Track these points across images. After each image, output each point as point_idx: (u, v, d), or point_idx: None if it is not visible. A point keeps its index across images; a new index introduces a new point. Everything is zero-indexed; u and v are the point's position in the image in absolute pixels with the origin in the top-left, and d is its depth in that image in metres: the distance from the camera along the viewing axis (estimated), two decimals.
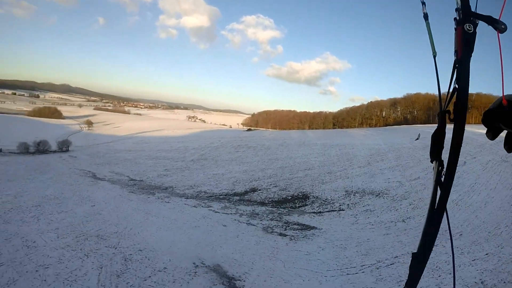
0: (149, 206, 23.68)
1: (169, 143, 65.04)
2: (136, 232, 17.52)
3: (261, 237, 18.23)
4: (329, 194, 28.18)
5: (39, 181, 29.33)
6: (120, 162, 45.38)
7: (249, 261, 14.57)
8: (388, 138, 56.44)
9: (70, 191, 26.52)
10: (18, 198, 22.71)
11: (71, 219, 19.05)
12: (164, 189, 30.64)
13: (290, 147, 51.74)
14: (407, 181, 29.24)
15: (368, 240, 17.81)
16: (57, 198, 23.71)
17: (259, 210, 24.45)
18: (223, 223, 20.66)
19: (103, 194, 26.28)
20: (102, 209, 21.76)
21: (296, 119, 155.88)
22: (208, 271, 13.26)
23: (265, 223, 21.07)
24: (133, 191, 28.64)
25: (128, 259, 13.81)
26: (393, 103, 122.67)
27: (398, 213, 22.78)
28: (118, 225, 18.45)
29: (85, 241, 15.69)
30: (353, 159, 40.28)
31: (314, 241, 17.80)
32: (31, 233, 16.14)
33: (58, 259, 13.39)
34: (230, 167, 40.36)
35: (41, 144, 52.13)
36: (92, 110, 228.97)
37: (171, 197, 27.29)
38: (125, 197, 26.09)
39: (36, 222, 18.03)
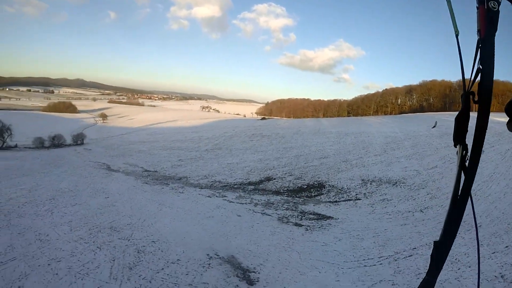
0: (163, 197, 23.46)
1: (183, 133, 64.80)
2: (150, 223, 17.29)
3: (276, 227, 17.83)
4: (345, 182, 27.62)
5: (53, 175, 29.31)
6: (134, 153, 45.36)
7: (264, 252, 14.19)
8: (404, 126, 55.18)
9: (84, 183, 26.47)
10: (33, 192, 22.64)
11: (84, 211, 18.93)
12: (178, 180, 30.38)
13: (305, 135, 51.02)
14: (424, 170, 28.46)
15: (386, 230, 17.28)
16: (71, 191, 23.60)
17: (274, 200, 24.04)
18: (237, 213, 20.33)
19: (117, 186, 26.21)
20: (116, 201, 21.62)
21: (310, 107, 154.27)
22: (222, 262, 12.92)
23: (280, 212, 20.67)
24: (147, 182, 28.48)
25: (141, 251, 13.56)
26: (409, 90, 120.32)
27: (415, 202, 22.11)
28: (132, 217, 18.23)
29: (98, 233, 15.50)
30: (369, 147, 39.54)
31: (331, 231, 17.35)
32: (44, 227, 16.02)
33: (71, 252, 13.19)
34: (245, 156, 40.00)
35: (56, 138, 52.32)
36: (106, 103, 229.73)
37: (185, 188, 27.06)
38: (139, 188, 25.94)
39: (50, 216, 17.91)
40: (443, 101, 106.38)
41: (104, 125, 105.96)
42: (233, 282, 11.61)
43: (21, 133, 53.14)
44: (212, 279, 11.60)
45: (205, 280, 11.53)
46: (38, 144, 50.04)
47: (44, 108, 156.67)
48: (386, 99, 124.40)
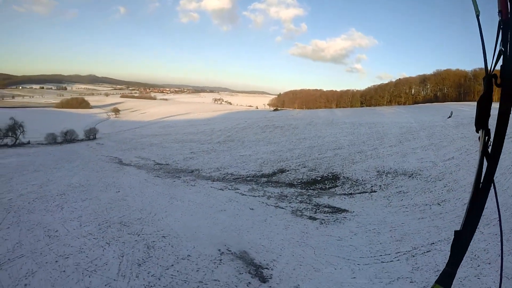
0: (174, 190, 23.08)
1: (195, 126, 64.80)
2: (160, 217, 16.91)
3: (290, 221, 17.28)
4: (360, 174, 26.95)
5: (65, 170, 29.21)
6: (146, 147, 45.29)
7: (278, 247, 13.67)
8: (419, 116, 54.27)
9: (96, 178, 26.30)
10: (44, 188, 22.46)
11: (95, 206, 18.64)
12: (190, 172, 30.06)
13: (318, 126, 50.46)
14: (441, 161, 27.57)
15: (403, 224, 16.61)
16: (82, 186, 23.42)
17: (287, 192, 23.50)
18: (250, 206, 19.86)
19: (128, 180, 25.93)
20: (126, 195, 21.32)
21: (323, 98, 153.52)
22: (234, 258, 12.44)
23: (294, 205, 20.12)
24: (158, 175, 28.21)
25: (151, 246, 13.16)
26: (423, 80, 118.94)
27: (432, 195, 21.28)
28: (142, 211, 17.89)
29: (107, 228, 15.16)
30: (384, 137, 38.76)
31: (346, 225, 16.76)
32: (54, 222, 15.72)
33: (79, 248, 12.85)
34: (257, 148, 39.59)
35: (68, 133, 52.58)
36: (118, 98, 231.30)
37: (197, 180, 26.68)
38: (151, 182, 25.65)
39: (60, 211, 17.64)
40: (458, 91, 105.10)
41: (116, 119, 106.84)
42: (245, 279, 11.12)
43: (34, 130, 53.51)
44: (223, 276, 11.14)
45: (216, 277, 11.07)
46: (51, 140, 50.22)
47: (57, 105, 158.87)
48: (399, 89, 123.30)
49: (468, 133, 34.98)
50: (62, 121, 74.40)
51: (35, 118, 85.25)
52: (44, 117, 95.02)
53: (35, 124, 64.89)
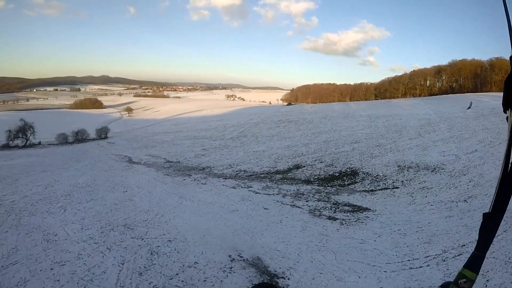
0: (184, 189, 21.99)
1: (207, 122, 64.24)
2: (168, 219, 15.73)
3: (308, 221, 15.82)
4: (380, 169, 25.43)
5: (73, 170, 28.68)
6: (158, 144, 44.61)
7: (294, 252, 12.25)
8: (437, 108, 52.77)
9: (104, 177, 25.57)
10: (49, 189, 21.77)
11: (99, 207, 17.71)
12: (201, 170, 28.97)
13: (334, 119, 49.14)
14: (463, 155, 25.95)
15: (430, 224, 15.05)
16: (89, 186, 22.66)
17: (304, 190, 22.03)
18: (264, 205, 18.48)
19: (137, 179, 25.08)
20: (134, 195, 20.35)
21: (337, 92, 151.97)
22: (246, 266, 11.11)
23: (311, 204, 18.65)
24: (168, 174, 27.23)
25: (155, 252, 11.95)
26: (438, 71, 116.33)
27: (458, 191, 19.64)
28: (149, 212, 16.79)
29: (110, 232, 14.08)
30: (402, 130, 37.20)
31: (369, 225, 15.29)
32: (54, 225, 14.79)
33: (77, 254, 11.76)
34: (271, 143, 38.38)
35: (79, 133, 52.94)
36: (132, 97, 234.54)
37: (208, 178, 25.52)
38: (160, 181, 24.64)
39: (63, 213, 16.75)
40: (474, 82, 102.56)
41: (129, 118, 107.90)
42: None
43: (47, 130, 54.19)
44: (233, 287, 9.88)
45: None
46: (62, 140, 50.61)
47: (71, 106, 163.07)
48: (414, 81, 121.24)
49: (489, 124, 33.46)
50: (75, 122, 74.70)
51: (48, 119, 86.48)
52: (57, 118, 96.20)
53: (48, 125, 65.83)
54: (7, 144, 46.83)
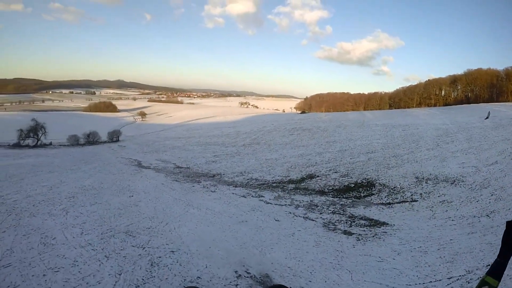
0: (192, 196, 21.11)
1: (220, 128, 63.58)
2: (172, 227, 14.81)
3: (322, 235, 14.76)
4: (397, 181, 24.30)
5: (81, 171, 28.09)
6: (168, 149, 44.02)
7: (307, 270, 11.19)
8: (454, 117, 51.35)
9: (111, 180, 24.81)
10: (54, 190, 21.05)
11: (102, 211, 16.89)
12: (211, 177, 28.15)
13: (349, 128, 47.98)
14: (483, 166, 24.78)
15: (452, 241, 13.93)
16: (95, 189, 21.90)
17: (318, 201, 20.99)
18: (275, 216, 17.47)
19: (145, 183, 24.29)
20: (140, 200, 19.52)
21: (351, 101, 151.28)
22: (253, 284, 10.06)
23: (325, 217, 17.61)
24: (177, 180, 26.40)
25: (156, 263, 11.01)
26: (453, 80, 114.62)
27: (479, 205, 18.56)
28: (153, 219, 15.89)
29: (110, 238, 13.18)
30: (420, 140, 36.02)
31: (387, 241, 14.20)
32: (54, 228, 13.97)
33: (73, 261, 10.85)
34: (284, 151, 37.44)
35: (90, 135, 53.07)
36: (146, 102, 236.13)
37: (218, 186, 24.65)
38: (168, 186, 23.81)
39: (64, 216, 15.91)
40: (490, 91, 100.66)
41: (142, 122, 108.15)
42: None
43: (60, 132, 54.01)
44: None
45: None
46: (73, 141, 50.80)
47: (85, 108, 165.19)
48: (429, 91, 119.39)
49: (509, 135, 32.56)
50: (88, 124, 74.64)
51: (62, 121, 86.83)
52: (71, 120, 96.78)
53: (61, 127, 66.02)
54: (18, 143, 46.89)
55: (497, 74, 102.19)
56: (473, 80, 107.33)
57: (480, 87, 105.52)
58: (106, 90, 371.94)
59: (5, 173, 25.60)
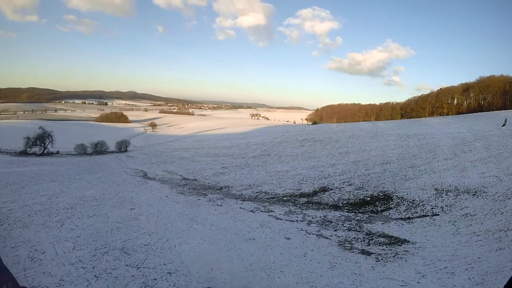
0: (197, 210, 19.93)
1: (229, 139, 62.63)
2: (172, 245, 13.53)
3: (337, 256, 13.30)
4: (416, 193, 22.78)
5: (84, 181, 27.28)
6: (176, 160, 42.97)
7: None
8: (470, 126, 49.61)
9: (113, 191, 23.94)
10: (53, 199, 20.31)
11: (100, 224, 15.86)
12: (219, 190, 26.99)
13: (362, 139, 46.48)
14: (505, 176, 23.20)
15: (480, 259, 12.47)
16: (96, 200, 21.04)
17: (332, 216, 19.57)
18: (286, 234, 16.04)
19: (148, 195, 23.28)
20: (141, 213, 18.44)
21: (362, 112, 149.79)
22: None
23: (341, 234, 16.17)
24: (182, 192, 25.33)
25: (149, 286, 9.77)
26: (465, 88, 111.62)
27: (505, 217, 17.04)
28: (153, 235, 14.67)
29: (103, 255, 12.04)
30: (436, 150, 34.45)
31: (410, 262, 12.73)
32: (45, 241, 13.03)
33: (60, 280, 9.74)
34: (296, 163, 35.96)
35: (98, 145, 52.35)
36: (157, 113, 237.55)
37: (225, 199, 23.42)
38: (172, 199, 22.66)
39: (59, 228, 14.97)
40: (504, 98, 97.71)
41: (153, 133, 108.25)
42: None
43: (69, 141, 53.92)
44: None
45: None
46: (80, 150, 50.42)
47: (97, 119, 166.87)
48: (441, 100, 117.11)
49: None
50: (99, 134, 74.65)
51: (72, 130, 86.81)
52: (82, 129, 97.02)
53: (72, 136, 66.19)
54: (25, 151, 46.51)
55: (510, 80, 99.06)
56: (486, 88, 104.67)
57: (493, 95, 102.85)
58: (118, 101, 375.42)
59: (6, 180, 24.97)
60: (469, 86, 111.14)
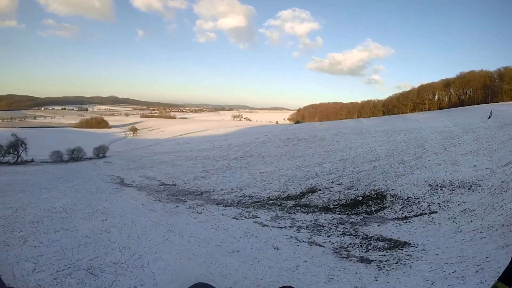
0: (174, 220, 18.31)
1: (211, 141, 60.92)
2: (145, 262, 11.89)
3: (334, 267, 11.74)
4: (409, 190, 21.51)
5: (56, 191, 25.68)
6: (156, 165, 41.16)
7: None
8: (456, 119, 49.14)
9: (86, 201, 22.40)
10: (19, 212, 18.90)
11: (67, 240, 14.33)
12: (199, 195, 25.28)
13: (347, 136, 45.18)
14: (498, 168, 22.44)
15: (488, 259, 11.26)
16: (65, 211, 19.52)
17: (323, 220, 17.97)
18: (274, 243, 14.42)
19: (123, 204, 21.72)
20: (113, 225, 16.86)
21: (344, 110, 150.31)
22: None
23: (335, 240, 14.63)
24: (160, 199, 23.62)
25: None
26: (446, 84, 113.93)
27: (505, 211, 16.05)
28: (124, 250, 13.06)
29: (66, 277, 10.57)
30: (425, 144, 33.42)
31: (415, 268, 11.29)
32: (4, 262, 11.75)
33: None
34: (280, 163, 34.34)
35: (75, 151, 50.15)
36: (138, 117, 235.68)
37: (206, 205, 21.77)
38: (148, 207, 20.98)
39: (20, 246, 13.52)
40: (485, 93, 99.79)
41: (134, 138, 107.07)
42: None
43: (47, 148, 51.98)
44: None
45: None
46: (56, 158, 48.33)
47: (76, 125, 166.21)
48: (422, 96, 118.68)
49: None
50: (78, 140, 72.36)
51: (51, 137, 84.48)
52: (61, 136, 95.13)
53: (50, 143, 64.58)
54: None
55: (490, 75, 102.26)
56: (467, 83, 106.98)
57: (474, 89, 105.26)
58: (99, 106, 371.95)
59: None
60: (449, 81, 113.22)
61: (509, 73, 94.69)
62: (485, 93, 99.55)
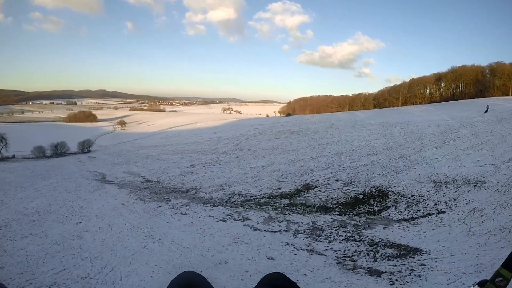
0: (155, 222, 16.66)
1: (200, 135, 59.00)
2: (118, 276, 10.20)
3: (340, 281, 10.10)
4: (412, 187, 20.00)
5: (32, 190, 24.07)
6: (141, 159, 39.14)
7: None
8: (452, 113, 47.86)
9: (62, 201, 20.82)
10: None
11: (33, 248, 12.84)
12: (184, 193, 23.54)
13: (341, 128, 43.86)
14: (502, 164, 21.28)
15: None
16: (38, 213, 18.02)
17: (322, 222, 16.23)
18: (268, 252, 12.69)
19: (101, 204, 20.13)
20: (87, 229, 15.26)
21: (335, 103, 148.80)
22: None
23: (338, 247, 12.95)
24: (141, 198, 21.96)
25: None
26: (438, 78, 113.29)
27: None
28: (95, 261, 11.41)
29: None
30: (423, 138, 32.27)
31: (431, 281, 9.78)
32: None
33: None
34: (272, 157, 32.65)
35: (58, 146, 47.97)
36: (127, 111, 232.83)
37: (191, 205, 20.08)
38: (128, 208, 19.34)
39: None
40: (476, 87, 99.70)
41: (122, 131, 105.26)
42: None
43: (32, 143, 49.21)
44: None
45: None
46: (38, 153, 45.86)
47: (64, 119, 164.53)
48: (414, 90, 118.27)
49: None
50: (65, 135, 70.09)
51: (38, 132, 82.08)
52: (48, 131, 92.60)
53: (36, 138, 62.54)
54: None
55: (481, 70, 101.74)
56: (458, 77, 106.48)
57: (466, 84, 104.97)
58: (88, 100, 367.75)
59: None
60: (441, 76, 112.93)
61: (501, 68, 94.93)
62: (476, 87, 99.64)
